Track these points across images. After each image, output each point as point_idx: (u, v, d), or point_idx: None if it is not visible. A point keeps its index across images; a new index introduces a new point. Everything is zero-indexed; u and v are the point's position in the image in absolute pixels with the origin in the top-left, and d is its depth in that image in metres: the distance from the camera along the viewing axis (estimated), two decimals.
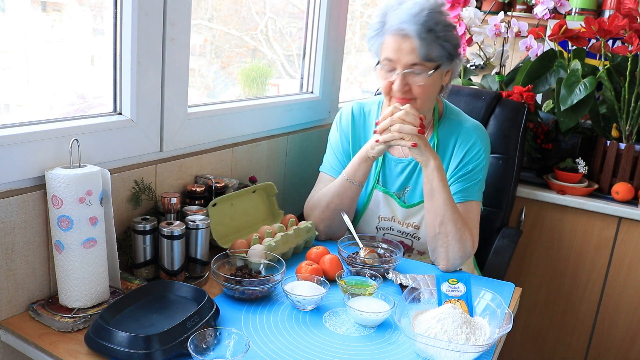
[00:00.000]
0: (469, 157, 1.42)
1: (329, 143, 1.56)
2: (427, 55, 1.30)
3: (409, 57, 1.30)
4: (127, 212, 1.24)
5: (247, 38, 1.83)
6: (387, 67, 1.34)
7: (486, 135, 1.46)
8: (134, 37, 1.16)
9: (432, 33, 1.28)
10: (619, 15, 1.79)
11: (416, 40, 1.28)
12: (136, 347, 0.89)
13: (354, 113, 1.53)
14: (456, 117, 1.47)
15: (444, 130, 1.46)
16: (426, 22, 1.27)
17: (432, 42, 1.29)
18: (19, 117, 1.10)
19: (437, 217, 1.33)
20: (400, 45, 1.30)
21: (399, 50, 1.30)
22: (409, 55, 1.30)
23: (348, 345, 1.01)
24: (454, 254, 1.33)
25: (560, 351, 2.06)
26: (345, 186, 1.42)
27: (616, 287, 1.92)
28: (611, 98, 1.90)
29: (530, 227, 2.01)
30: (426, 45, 1.28)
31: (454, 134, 1.44)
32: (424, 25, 1.27)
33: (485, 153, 1.44)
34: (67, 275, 1.02)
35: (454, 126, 1.45)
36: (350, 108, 1.54)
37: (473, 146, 1.42)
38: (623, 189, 1.88)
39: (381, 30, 1.34)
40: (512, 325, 0.99)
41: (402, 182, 1.48)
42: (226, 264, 1.21)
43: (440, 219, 1.32)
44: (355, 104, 1.55)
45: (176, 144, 1.34)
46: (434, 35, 1.29)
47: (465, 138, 1.43)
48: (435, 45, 1.30)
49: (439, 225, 1.33)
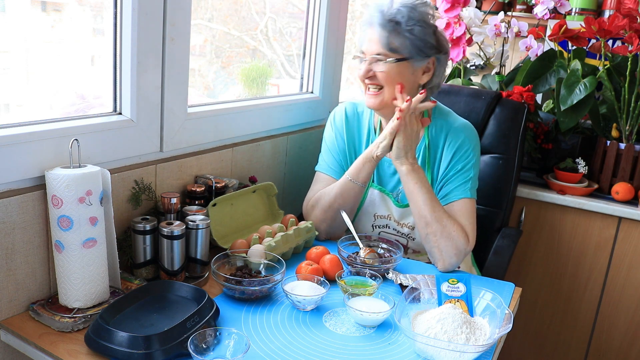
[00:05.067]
0: (458, 156, 1.43)
1: (324, 142, 1.57)
2: (388, 44, 1.35)
3: (373, 46, 1.37)
4: (127, 212, 1.24)
5: (247, 38, 1.83)
6: (360, 57, 1.42)
7: (474, 133, 1.47)
8: (134, 37, 1.17)
9: (396, 25, 1.34)
10: (619, 15, 1.79)
11: (377, 29, 1.35)
12: (136, 347, 0.90)
13: (347, 112, 1.54)
14: (445, 117, 1.48)
15: (434, 130, 1.47)
16: (391, 14, 1.34)
17: (394, 32, 1.35)
18: (19, 117, 1.09)
19: (420, 219, 1.35)
20: (368, 35, 1.39)
21: (368, 40, 1.39)
22: (373, 44, 1.37)
23: (348, 345, 1.01)
24: (447, 252, 1.33)
25: (560, 351, 2.06)
26: (349, 187, 1.42)
27: (616, 287, 1.92)
28: (611, 98, 1.90)
29: (530, 227, 2.01)
30: (387, 35, 1.35)
31: (443, 133, 1.45)
32: (386, 16, 1.34)
33: (475, 151, 1.44)
34: (67, 275, 1.02)
35: (443, 126, 1.46)
36: (343, 108, 1.55)
37: (462, 145, 1.43)
38: (623, 189, 1.88)
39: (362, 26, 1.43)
40: (512, 325, 0.99)
41: (395, 182, 1.49)
42: (226, 264, 1.21)
43: (424, 220, 1.34)
44: (348, 104, 1.56)
45: (176, 144, 1.34)
46: (399, 27, 1.34)
47: (453, 137, 1.44)
48: (398, 36, 1.35)
49: (425, 226, 1.34)
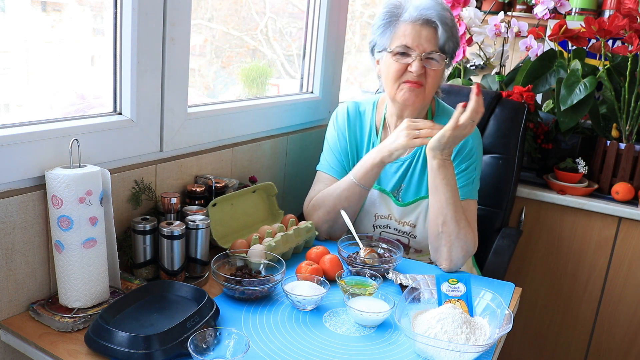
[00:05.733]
0: (461, 157, 1.42)
1: (326, 142, 1.57)
2: (443, 45, 1.35)
3: (429, 44, 1.34)
4: (127, 212, 1.24)
5: (247, 38, 1.83)
6: (402, 51, 1.36)
7: (477, 133, 1.47)
8: (134, 37, 1.16)
9: (451, 27, 1.35)
10: (619, 15, 1.79)
11: (440, 26, 1.33)
12: (136, 347, 0.89)
13: (349, 112, 1.54)
14: (448, 116, 1.46)
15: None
16: (444, 16, 1.34)
17: (449, 34, 1.35)
18: (19, 117, 1.09)
19: (439, 217, 1.33)
20: (419, 32, 1.34)
21: (419, 37, 1.34)
22: (428, 42, 1.34)
23: (348, 345, 1.01)
24: (456, 254, 1.33)
25: (560, 351, 2.06)
26: (355, 190, 1.41)
27: (616, 287, 1.92)
28: (611, 98, 1.90)
29: (530, 227, 2.01)
30: (445, 35, 1.34)
31: None
32: (445, 14, 1.34)
33: (478, 151, 1.44)
34: (67, 275, 1.02)
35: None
36: (345, 107, 1.55)
37: (465, 145, 1.42)
38: (623, 189, 1.88)
39: (393, 20, 1.37)
40: (512, 325, 0.99)
41: (396, 181, 1.48)
42: (226, 264, 1.21)
43: (443, 218, 1.32)
44: (350, 103, 1.55)
45: (176, 144, 1.34)
46: (452, 30, 1.35)
47: None
48: (450, 38, 1.36)
49: (441, 224, 1.33)
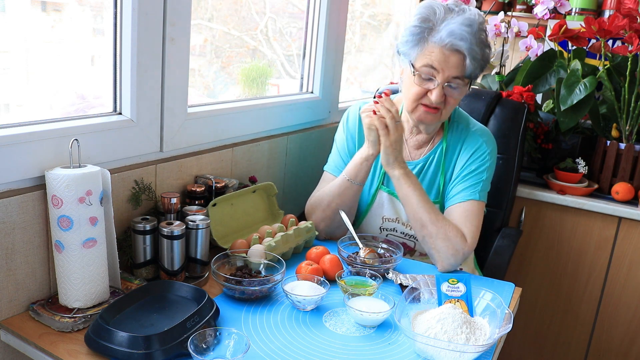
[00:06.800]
0: (474, 159, 1.43)
1: (335, 142, 1.56)
2: (470, 74, 1.32)
3: (454, 71, 1.30)
4: (127, 212, 1.24)
5: (247, 38, 1.83)
6: (425, 75, 1.32)
7: (493, 139, 1.47)
8: (134, 37, 1.16)
9: (480, 54, 1.30)
10: (619, 15, 1.79)
11: (468, 59, 1.29)
12: (136, 347, 0.89)
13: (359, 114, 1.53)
14: (464, 122, 1.49)
15: (453, 135, 1.47)
16: (478, 43, 1.29)
17: (478, 61, 1.31)
18: (19, 117, 1.09)
19: (416, 221, 1.35)
20: (447, 58, 1.29)
21: (445, 62, 1.29)
22: (454, 69, 1.30)
23: (348, 345, 1.01)
24: (445, 254, 1.33)
25: (560, 351, 2.06)
26: (346, 186, 1.41)
27: (616, 287, 1.92)
28: (611, 98, 1.90)
29: (530, 227, 2.01)
30: (473, 65, 1.30)
31: (461, 138, 1.46)
32: (477, 46, 1.29)
33: (491, 156, 1.44)
34: (67, 275, 1.02)
35: (462, 130, 1.47)
36: (357, 108, 1.54)
37: (479, 149, 1.43)
38: (623, 189, 1.88)
39: (423, 37, 1.31)
40: (512, 325, 0.99)
41: None
42: (226, 264, 1.21)
43: (420, 222, 1.34)
44: (362, 105, 1.54)
45: (176, 144, 1.34)
46: (481, 57, 1.31)
47: (471, 142, 1.44)
48: (479, 65, 1.32)
49: (420, 229, 1.34)
